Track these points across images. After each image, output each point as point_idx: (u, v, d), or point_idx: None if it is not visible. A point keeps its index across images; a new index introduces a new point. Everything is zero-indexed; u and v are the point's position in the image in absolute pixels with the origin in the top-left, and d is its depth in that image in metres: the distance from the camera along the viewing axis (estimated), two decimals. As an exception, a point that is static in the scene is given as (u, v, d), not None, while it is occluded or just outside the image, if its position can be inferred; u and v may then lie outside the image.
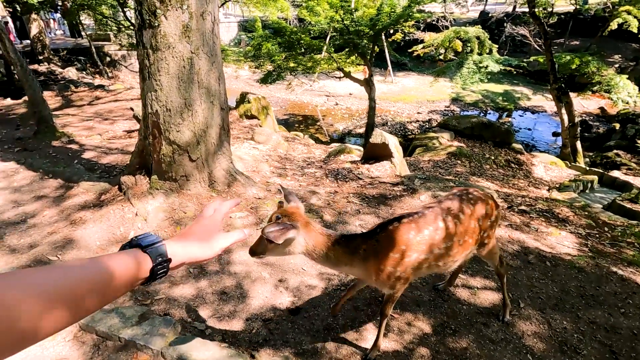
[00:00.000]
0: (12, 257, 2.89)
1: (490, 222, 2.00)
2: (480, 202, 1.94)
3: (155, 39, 2.85)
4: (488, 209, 1.97)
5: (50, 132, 5.89)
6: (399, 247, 1.68)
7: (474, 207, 1.91)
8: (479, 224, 1.93)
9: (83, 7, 11.64)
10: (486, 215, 1.96)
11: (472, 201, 1.92)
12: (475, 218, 1.90)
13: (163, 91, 3.01)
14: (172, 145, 3.22)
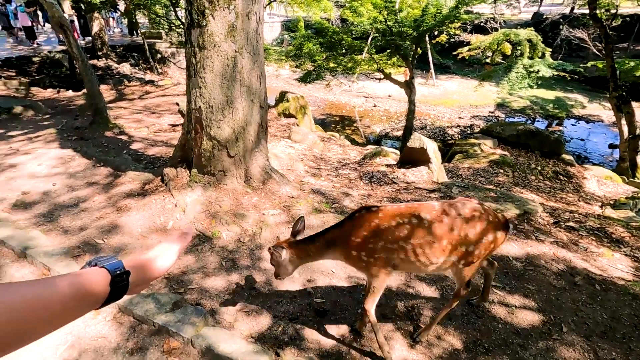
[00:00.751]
0: (65, 237, 3.13)
1: (482, 243, 1.84)
2: (475, 219, 1.83)
3: (202, 37, 2.96)
4: (480, 227, 1.83)
5: (104, 123, 6.31)
6: (361, 233, 1.85)
7: (462, 219, 1.82)
8: (464, 237, 1.82)
9: (139, 7, 12.37)
10: (478, 234, 1.83)
11: (463, 213, 1.83)
12: (461, 230, 1.81)
13: (207, 88, 3.11)
14: (212, 141, 3.33)
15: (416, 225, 1.82)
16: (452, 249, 1.84)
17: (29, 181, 4.26)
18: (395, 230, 1.82)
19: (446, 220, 1.82)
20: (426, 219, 1.82)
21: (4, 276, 2.67)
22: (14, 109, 7.39)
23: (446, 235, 1.81)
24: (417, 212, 1.85)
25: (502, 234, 1.89)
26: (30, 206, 3.71)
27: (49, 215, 3.53)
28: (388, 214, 1.86)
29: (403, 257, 1.86)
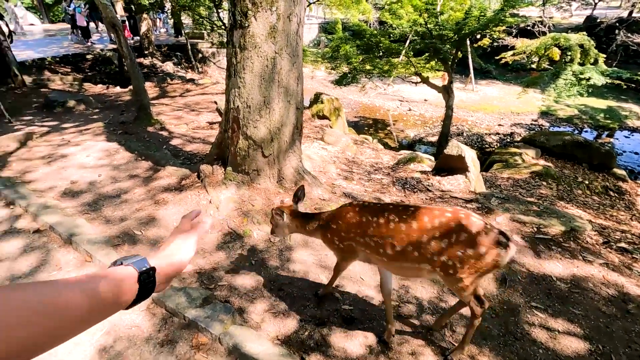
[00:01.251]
0: (106, 227, 3.29)
1: (466, 258, 1.71)
2: (471, 236, 1.71)
3: (243, 38, 3.00)
4: (468, 239, 1.70)
5: (147, 119, 6.61)
6: (336, 221, 2.09)
7: (435, 227, 1.75)
8: (444, 247, 1.73)
9: (184, 8, 12.89)
10: (465, 248, 1.71)
11: (440, 220, 1.76)
12: (441, 238, 1.73)
13: (245, 88, 3.16)
14: (248, 140, 3.38)
15: (382, 224, 1.88)
16: (420, 256, 1.79)
17: (77, 171, 4.53)
18: (365, 227, 1.94)
19: (415, 225, 1.79)
20: (394, 220, 1.85)
21: (51, 259, 2.84)
22: (67, 102, 7.93)
23: (412, 240, 1.78)
24: (398, 214, 1.87)
25: (493, 252, 1.69)
26: (78, 195, 3.94)
27: (93, 205, 3.73)
28: (364, 210, 1.99)
29: (368, 251, 1.97)
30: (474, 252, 1.69)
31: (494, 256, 1.69)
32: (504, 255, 1.70)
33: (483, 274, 1.77)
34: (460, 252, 1.70)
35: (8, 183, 4.05)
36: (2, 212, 3.52)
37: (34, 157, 5.06)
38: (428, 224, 1.76)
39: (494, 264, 1.71)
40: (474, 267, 1.72)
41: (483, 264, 1.71)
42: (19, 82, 9.73)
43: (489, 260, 1.70)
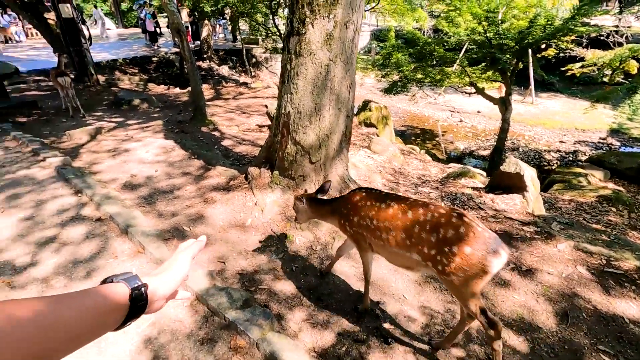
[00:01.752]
0: (159, 220, 3.46)
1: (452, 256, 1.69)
2: (444, 225, 1.73)
3: (299, 45, 3.03)
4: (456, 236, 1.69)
5: (202, 119, 6.95)
6: (346, 207, 2.19)
7: (430, 220, 1.78)
8: (433, 241, 1.75)
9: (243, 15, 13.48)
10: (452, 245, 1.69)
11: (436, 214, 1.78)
12: (431, 231, 1.76)
13: (298, 94, 3.18)
14: (296, 146, 3.39)
15: (383, 210, 1.98)
16: (411, 245, 1.84)
17: (137, 166, 4.85)
18: (368, 210, 2.05)
19: (410, 215, 1.85)
20: (393, 207, 1.94)
21: (109, 247, 3.04)
22: (133, 101, 8.58)
23: (405, 227, 1.85)
24: (400, 203, 1.94)
25: (478, 253, 1.64)
26: (136, 188, 4.21)
27: (148, 198, 3.96)
28: (370, 197, 2.10)
29: (369, 235, 2.07)
30: (459, 250, 1.66)
31: (481, 259, 1.64)
32: (491, 260, 1.63)
33: (473, 277, 1.69)
34: (447, 248, 1.70)
35: (78, 173, 4.43)
36: (71, 200, 3.85)
37: (101, 150, 5.52)
38: (421, 216, 1.81)
39: (481, 267, 1.65)
40: (461, 267, 1.68)
41: (469, 265, 1.66)
42: (93, 81, 10.72)
43: (474, 262, 1.65)
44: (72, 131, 5.98)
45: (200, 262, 2.84)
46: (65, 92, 7.39)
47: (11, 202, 3.82)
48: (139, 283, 0.67)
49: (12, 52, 15.45)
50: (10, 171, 4.62)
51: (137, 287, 0.66)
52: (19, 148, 5.47)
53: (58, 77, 7.14)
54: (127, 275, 0.68)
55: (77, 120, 7.40)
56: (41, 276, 2.70)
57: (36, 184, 4.26)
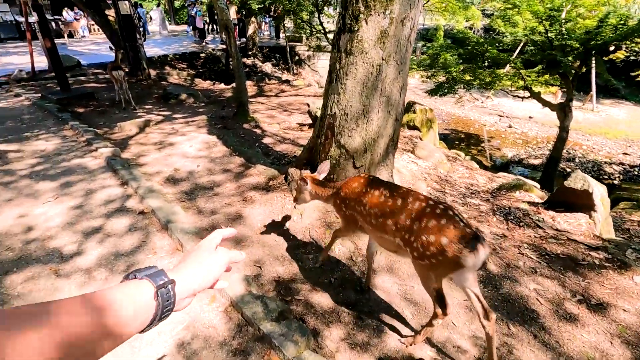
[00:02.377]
0: (198, 217, 3.45)
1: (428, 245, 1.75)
2: (429, 215, 1.80)
3: (351, 43, 2.85)
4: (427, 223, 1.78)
5: (244, 115, 6.98)
6: (344, 189, 2.30)
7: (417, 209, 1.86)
8: (415, 228, 1.83)
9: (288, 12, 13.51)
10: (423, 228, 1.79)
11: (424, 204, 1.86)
12: (415, 220, 1.84)
13: (345, 95, 3.01)
14: (340, 149, 3.23)
15: (376, 197, 2.07)
16: (396, 230, 1.92)
17: (180, 160, 4.93)
18: (363, 196, 2.14)
19: (400, 202, 1.94)
20: (385, 195, 2.03)
21: (149, 242, 3.06)
22: (180, 95, 8.84)
23: (393, 215, 1.93)
24: (395, 192, 2.03)
25: (452, 246, 1.67)
26: (178, 182, 4.25)
27: (189, 194, 3.98)
28: (367, 182, 2.20)
29: (361, 219, 2.17)
30: (436, 240, 1.72)
31: (456, 252, 1.67)
32: (467, 255, 1.66)
33: (445, 268, 1.77)
34: (425, 236, 1.76)
35: (126, 164, 4.57)
36: (118, 191, 3.95)
37: (148, 142, 5.68)
38: (409, 204, 1.90)
39: (455, 260, 1.69)
40: (435, 256, 1.73)
41: (443, 256, 1.71)
42: (145, 75, 11.22)
43: (449, 254, 1.69)
44: (123, 123, 6.23)
45: (237, 264, 2.76)
46: (119, 85, 7.76)
47: (64, 189, 4.00)
48: (165, 280, 0.58)
49: (75, 47, 16.64)
50: (66, 159, 4.87)
51: (163, 284, 0.57)
52: (75, 137, 5.78)
53: (113, 71, 7.52)
54: (152, 270, 0.59)
55: (129, 112, 7.74)
56: (85, 266, 2.75)
57: (87, 173, 4.43)
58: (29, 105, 8.07)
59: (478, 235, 1.69)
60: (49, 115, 7.14)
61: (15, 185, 4.11)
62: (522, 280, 2.75)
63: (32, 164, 4.73)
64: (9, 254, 2.88)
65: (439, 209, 1.80)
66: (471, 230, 1.70)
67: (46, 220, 3.39)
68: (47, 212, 3.53)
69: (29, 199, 3.79)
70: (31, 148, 5.31)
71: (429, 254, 1.75)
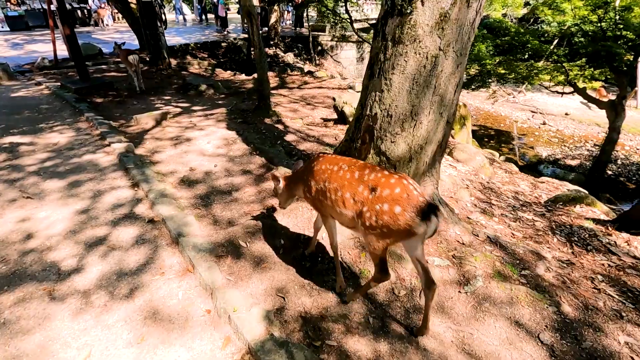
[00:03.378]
0: (213, 229, 3.04)
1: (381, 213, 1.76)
2: (384, 184, 1.79)
3: (400, 29, 2.33)
4: (381, 192, 1.78)
5: (266, 109, 6.54)
6: (306, 173, 2.27)
7: (372, 179, 1.85)
8: (370, 199, 1.82)
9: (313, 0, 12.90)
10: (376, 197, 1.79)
11: (379, 174, 1.86)
12: (370, 191, 1.83)
13: (390, 93, 2.50)
14: (380, 156, 2.72)
15: (334, 172, 2.04)
16: (354, 203, 1.90)
17: (197, 158, 4.54)
18: (322, 174, 2.10)
19: (357, 174, 1.92)
20: (343, 169, 2.01)
21: (157, 259, 2.67)
22: (200, 86, 8.49)
23: (351, 187, 1.91)
24: (349, 165, 2.01)
25: (407, 215, 1.68)
26: (193, 185, 3.86)
27: (205, 198, 3.58)
28: (327, 159, 2.17)
29: (322, 198, 2.10)
30: (389, 208, 1.72)
31: (408, 220, 1.68)
32: (419, 224, 1.68)
33: (397, 237, 1.78)
34: (379, 205, 1.76)
35: (139, 162, 4.21)
36: (127, 193, 3.60)
37: (164, 137, 5.33)
38: (366, 176, 1.88)
39: (407, 229, 1.71)
40: (387, 225, 1.74)
41: (395, 224, 1.72)
42: (165, 64, 10.94)
43: (401, 222, 1.70)
44: (139, 116, 5.91)
45: (256, 293, 2.34)
46: (133, 70, 7.90)
47: (71, 189, 3.68)
48: None
49: (99, 35, 16.60)
50: (77, 155, 4.57)
51: None
52: (89, 130, 5.49)
53: (128, 56, 7.65)
54: None
55: (147, 103, 7.44)
56: (83, 287, 2.39)
57: (98, 171, 4.11)
58: (48, 94, 7.90)
59: (432, 204, 1.70)
60: (66, 106, 6.92)
61: (21, 183, 3.83)
62: (608, 329, 2.21)
63: (42, 159, 4.46)
64: (2, 268, 2.56)
65: (394, 178, 1.80)
66: (425, 199, 1.71)
67: (48, 226, 3.06)
68: (50, 216, 3.21)
69: (33, 199, 3.49)
70: (44, 141, 5.05)
71: (382, 223, 1.76)
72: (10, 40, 15.20)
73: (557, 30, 9.79)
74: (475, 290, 2.38)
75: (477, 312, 2.24)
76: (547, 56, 10.15)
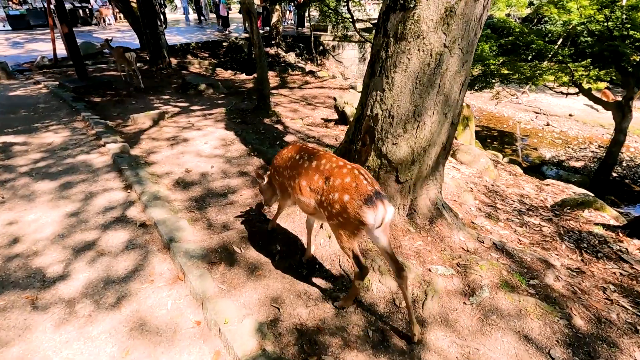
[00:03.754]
0: (207, 234, 2.92)
1: (333, 202, 1.86)
2: (337, 174, 1.89)
3: (403, 25, 2.20)
4: (334, 182, 1.88)
5: (265, 109, 6.42)
6: (276, 159, 2.40)
7: (329, 169, 1.94)
8: (325, 188, 1.92)
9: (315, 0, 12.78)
10: (330, 187, 1.89)
11: (335, 165, 1.94)
12: (325, 180, 1.92)
13: (392, 92, 2.37)
14: (381, 159, 2.60)
15: (296, 160, 2.16)
16: (311, 192, 2.00)
17: (193, 159, 4.42)
18: (287, 162, 2.24)
19: (314, 164, 2.03)
20: (304, 158, 2.12)
21: (147, 266, 2.55)
22: (199, 86, 8.37)
23: (307, 176, 2.03)
24: (309, 156, 2.11)
25: (354, 203, 1.76)
26: (188, 187, 3.74)
27: (200, 201, 3.46)
28: (294, 148, 2.28)
29: (288, 185, 2.24)
30: (339, 197, 1.81)
31: (356, 208, 1.75)
32: (366, 211, 1.73)
33: (351, 226, 1.82)
34: (331, 194, 1.86)
35: (133, 163, 4.10)
36: (120, 196, 3.48)
37: (161, 137, 5.22)
38: (322, 166, 1.98)
39: (357, 217, 1.76)
40: (340, 213, 1.83)
41: (346, 212, 1.79)
42: (165, 64, 10.84)
43: (350, 211, 1.77)
44: (136, 115, 5.80)
45: (250, 303, 2.21)
46: (132, 68, 7.97)
47: (62, 191, 3.57)
48: None
49: (100, 34, 16.52)
50: (71, 155, 4.46)
51: None
52: (85, 130, 5.39)
53: (125, 53, 7.71)
54: None
55: (145, 103, 7.34)
56: (68, 296, 2.28)
57: (91, 172, 4.00)
58: (46, 93, 7.81)
59: (378, 192, 1.76)
60: (63, 105, 6.82)
61: (12, 184, 3.72)
62: (623, 345, 2.07)
63: (36, 159, 4.35)
64: (-15, 274, 2.45)
65: (346, 168, 1.88)
66: (372, 188, 1.77)
67: (36, 230, 2.95)
68: (39, 219, 3.10)
69: (23, 201, 3.38)
70: (38, 141, 4.95)
71: (335, 212, 1.84)
72: (11, 39, 15.16)
73: (562, 29, 9.62)
74: (481, 302, 2.25)
75: (483, 326, 2.11)
76: (552, 56, 9.99)
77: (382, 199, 1.74)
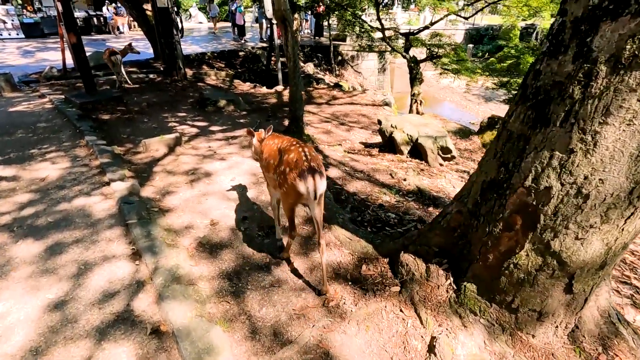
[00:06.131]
0: (252, 352, 1.92)
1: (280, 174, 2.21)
2: (288, 151, 2.21)
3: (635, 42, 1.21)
4: (285, 157, 2.19)
5: (299, 133, 5.49)
6: (263, 142, 2.67)
7: (285, 151, 2.23)
8: (279, 162, 2.26)
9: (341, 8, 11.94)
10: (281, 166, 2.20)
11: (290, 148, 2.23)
12: (280, 156, 2.27)
13: (591, 157, 1.37)
14: (545, 257, 1.59)
15: (270, 145, 2.50)
16: (275, 167, 2.31)
17: (219, 204, 3.47)
18: (265, 146, 2.59)
19: (278, 143, 2.40)
20: (275, 143, 2.44)
21: None
22: (219, 102, 7.50)
23: (274, 155, 2.37)
24: (282, 143, 2.38)
25: (291, 175, 2.07)
26: (216, 252, 2.78)
27: (234, 278, 2.49)
28: (273, 135, 2.65)
29: (264, 165, 2.58)
30: (283, 169, 2.15)
31: (292, 179, 2.06)
32: (299, 183, 2.03)
33: (292, 195, 2.14)
34: (282, 167, 2.18)
35: (144, 213, 3.16)
36: (125, 270, 2.52)
37: (178, 170, 4.29)
38: (282, 144, 2.34)
39: (294, 188, 2.07)
40: (284, 184, 2.16)
41: (287, 183, 2.11)
42: (181, 75, 10.04)
43: (289, 181, 2.09)
44: (148, 140, 4.89)
45: None
46: (116, 71, 8.39)
47: (48, 260, 2.63)
48: None
49: (114, 43, 15.91)
50: (67, 197, 3.54)
51: None
52: (88, 159, 4.48)
53: (111, 56, 8.10)
54: None
55: (159, 121, 6.47)
56: None
57: (89, 225, 3.06)
58: (49, 109, 6.99)
59: (312, 168, 2.02)
60: (66, 124, 5.97)
61: (-15, 244, 2.80)
62: None
63: (23, 203, 3.44)
64: None
65: (294, 146, 2.21)
66: (308, 164, 2.03)
67: (2, 335, 2.00)
68: (10, 312, 2.15)
69: (-8, 277, 2.44)
70: (30, 175, 4.05)
71: (281, 182, 2.19)
72: (22, 47, 14.61)
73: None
74: None
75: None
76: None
77: (314, 173, 2.02)
